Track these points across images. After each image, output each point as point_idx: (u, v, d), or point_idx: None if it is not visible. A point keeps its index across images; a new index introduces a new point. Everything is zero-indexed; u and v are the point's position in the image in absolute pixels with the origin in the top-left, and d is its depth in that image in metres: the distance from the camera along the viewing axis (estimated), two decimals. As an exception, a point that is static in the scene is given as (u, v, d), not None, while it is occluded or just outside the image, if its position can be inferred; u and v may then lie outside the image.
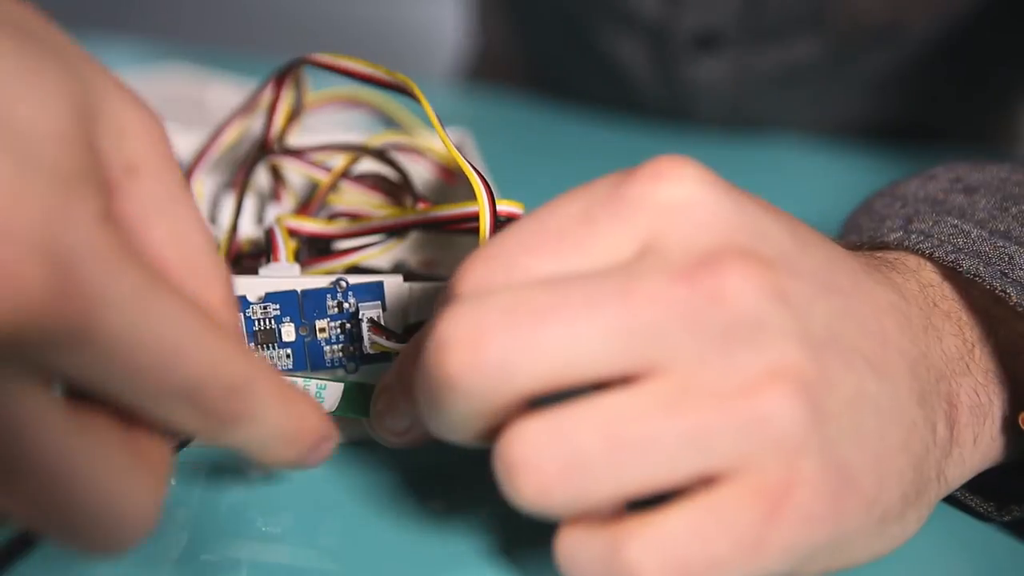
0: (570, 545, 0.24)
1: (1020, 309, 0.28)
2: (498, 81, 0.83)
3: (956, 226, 0.31)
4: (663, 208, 0.24)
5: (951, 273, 0.30)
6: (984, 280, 0.29)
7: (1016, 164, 0.34)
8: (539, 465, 0.23)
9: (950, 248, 0.30)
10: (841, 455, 0.24)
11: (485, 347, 0.23)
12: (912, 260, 0.30)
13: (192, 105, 0.62)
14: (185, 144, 0.44)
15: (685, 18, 0.65)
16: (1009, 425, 0.29)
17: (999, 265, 0.29)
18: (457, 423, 0.25)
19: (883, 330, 0.26)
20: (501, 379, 0.23)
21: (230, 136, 0.40)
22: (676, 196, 0.24)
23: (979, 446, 0.29)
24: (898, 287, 0.28)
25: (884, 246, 0.31)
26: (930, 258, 0.30)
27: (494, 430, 0.24)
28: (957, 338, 0.29)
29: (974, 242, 0.30)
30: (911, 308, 0.28)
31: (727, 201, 0.25)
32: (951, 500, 0.31)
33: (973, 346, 0.29)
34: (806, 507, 0.23)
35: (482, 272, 0.25)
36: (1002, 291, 0.28)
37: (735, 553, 0.23)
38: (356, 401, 0.31)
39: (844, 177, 0.61)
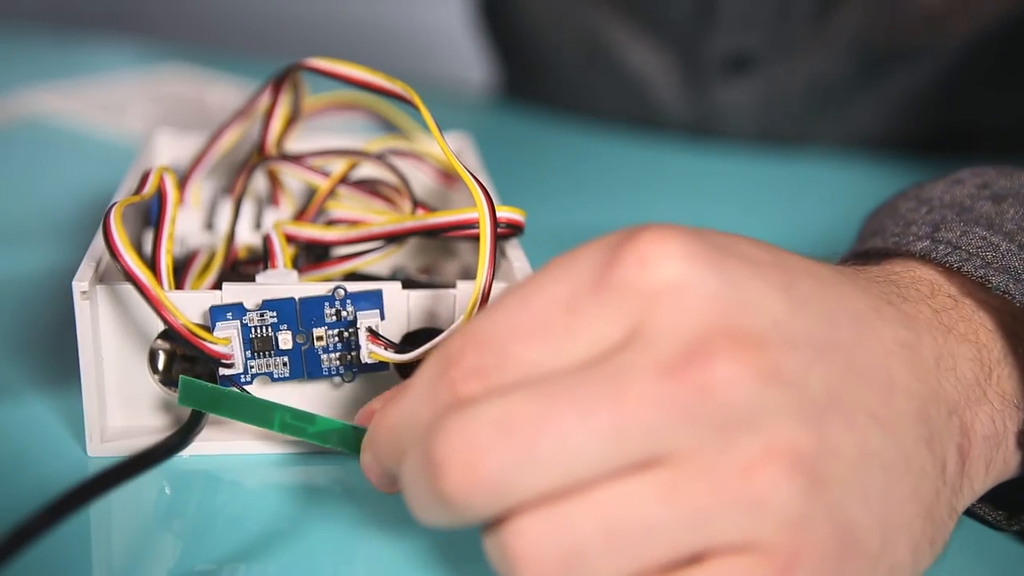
0: None
1: None
2: (508, 96, 0.83)
3: (985, 238, 0.30)
4: (649, 294, 0.24)
5: (971, 289, 0.30)
6: (1015, 298, 0.28)
7: (1003, 174, 0.33)
8: (540, 559, 0.23)
9: (979, 263, 0.30)
10: (847, 517, 0.24)
11: (481, 467, 0.23)
12: (927, 283, 0.30)
13: (192, 106, 0.62)
14: (184, 147, 0.43)
15: (718, 40, 0.65)
16: (1022, 444, 0.29)
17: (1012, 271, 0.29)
18: (448, 523, 0.25)
19: (889, 377, 0.26)
20: (499, 494, 0.23)
21: (227, 140, 0.40)
22: (662, 280, 0.24)
23: (992, 472, 0.28)
24: (909, 319, 0.27)
25: (909, 254, 0.31)
26: (958, 272, 0.30)
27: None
28: (974, 362, 0.28)
29: (1003, 256, 0.30)
30: (922, 341, 0.27)
31: (713, 277, 0.24)
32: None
33: (991, 370, 0.29)
34: (812, 572, 0.23)
35: (473, 360, 0.25)
36: (1009, 296, 0.28)
37: None
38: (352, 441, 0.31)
39: (874, 191, 0.61)
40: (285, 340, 0.31)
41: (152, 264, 0.33)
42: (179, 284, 0.34)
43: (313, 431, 0.30)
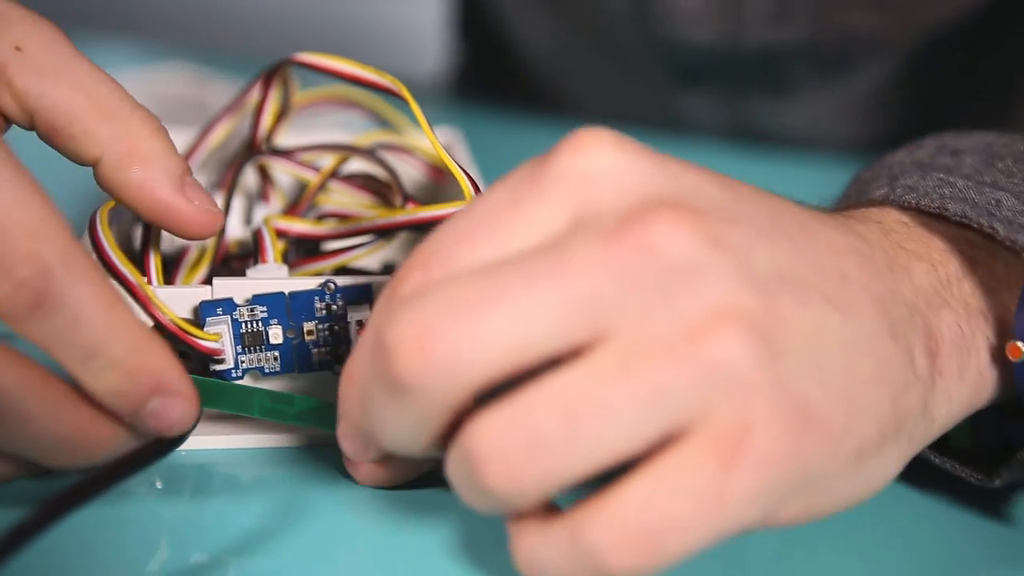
0: (528, 546, 0.24)
1: (1008, 243, 0.28)
2: (482, 89, 0.83)
3: (942, 179, 0.31)
4: (586, 177, 0.24)
5: (926, 221, 0.30)
6: (971, 219, 0.29)
7: (1001, 133, 0.34)
8: (502, 452, 0.23)
9: (936, 196, 0.30)
10: (800, 392, 0.24)
11: (433, 344, 0.23)
12: (876, 213, 0.30)
13: (192, 105, 0.62)
14: (174, 142, 0.43)
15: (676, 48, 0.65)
16: (997, 359, 0.28)
17: (986, 208, 0.29)
18: (410, 428, 0.24)
19: (841, 268, 0.26)
20: (453, 373, 0.23)
21: (217, 136, 0.40)
22: (597, 164, 0.25)
23: (966, 380, 0.28)
24: (857, 232, 0.28)
25: (868, 203, 0.31)
26: (917, 208, 0.30)
27: (446, 435, 0.24)
28: (930, 275, 0.28)
29: (961, 191, 0.30)
30: (874, 250, 0.27)
31: (650, 163, 0.25)
32: (940, 477, 0.31)
33: (949, 282, 0.29)
34: (764, 450, 0.23)
35: (420, 273, 0.25)
36: (990, 227, 0.28)
37: (697, 511, 0.23)
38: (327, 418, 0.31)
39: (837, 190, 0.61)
40: (276, 335, 0.31)
41: (141, 260, 0.33)
42: (170, 279, 0.34)
43: (293, 412, 0.30)
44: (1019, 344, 0.28)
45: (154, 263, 0.32)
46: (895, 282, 0.27)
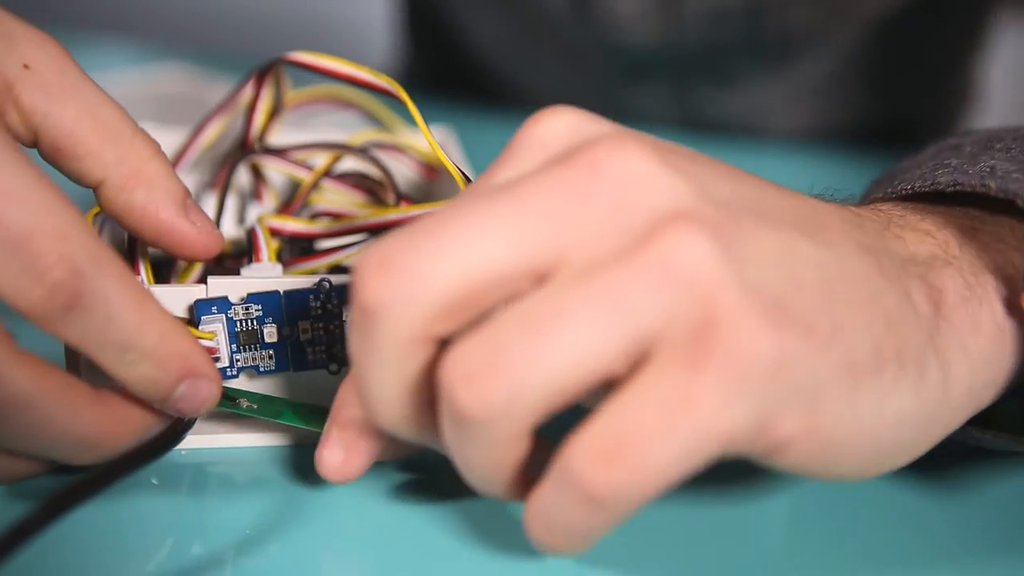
0: (533, 503, 0.24)
1: (1002, 195, 0.28)
2: (430, 86, 0.82)
3: (938, 162, 0.31)
4: (545, 135, 0.26)
5: (922, 205, 0.30)
6: (963, 184, 0.28)
7: (1006, 128, 0.34)
8: (467, 371, 0.23)
9: (929, 178, 0.30)
10: (772, 291, 0.23)
11: (390, 264, 0.24)
12: (871, 203, 0.30)
13: (192, 105, 0.62)
14: (167, 141, 0.43)
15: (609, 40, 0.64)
16: (1017, 315, 0.27)
17: (978, 174, 0.29)
18: (387, 367, 0.25)
19: (820, 218, 0.26)
20: (412, 288, 0.23)
21: (210, 135, 0.40)
22: (555, 124, 0.26)
23: (983, 331, 0.27)
24: (845, 206, 0.28)
25: (870, 201, 0.31)
26: (912, 192, 0.30)
27: (429, 383, 0.25)
28: (926, 242, 0.28)
29: (954, 168, 0.30)
30: (863, 219, 0.27)
31: (605, 124, 0.26)
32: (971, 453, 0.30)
33: (948, 244, 0.28)
34: (732, 344, 0.22)
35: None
36: (982, 186, 0.28)
37: (665, 417, 0.22)
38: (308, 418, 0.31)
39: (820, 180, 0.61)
40: (271, 333, 0.31)
41: (131, 263, 0.32)
42: (164, 279, 0.34)
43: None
44: None
45: (143, 265, 0.32)
46: (885, 242, 0.27)
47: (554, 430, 0.24)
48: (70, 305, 0.26)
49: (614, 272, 0.23)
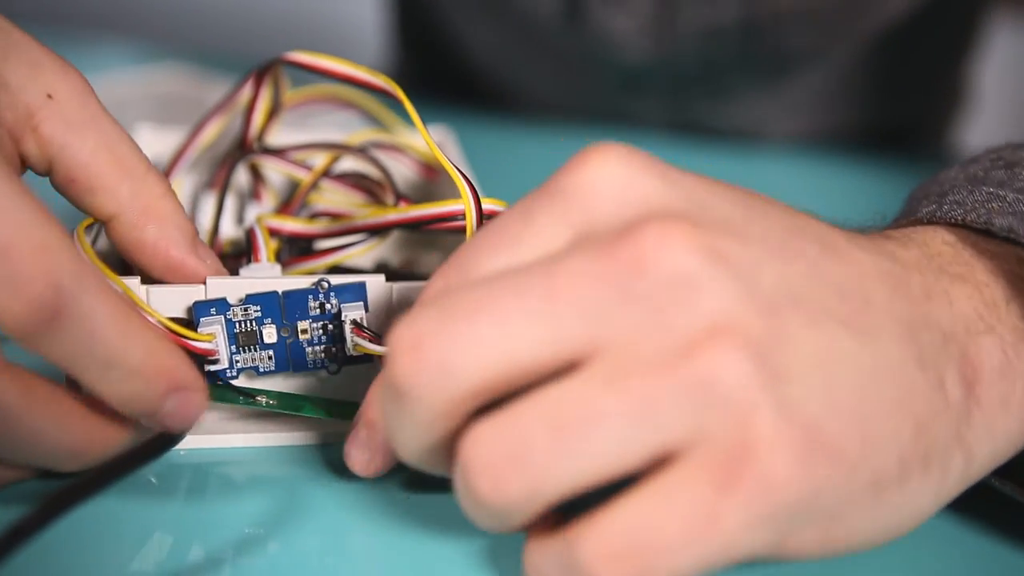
0: (534, 559, 0.24)
1: None
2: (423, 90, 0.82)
3: (991, 192, 0.29)
4: (589, 192, 0.25)
5: (974, 240, 0.29)
6: (1019, 234, 0.28)
7: None
8: (489, 461, 0.23)
9: (983, 212, 0.29)
10: (807, 415, 0.23)
11: (423, 349, 0.23)
12: (922, 233, 0.29)
13: (191, 105, 0.62)
14: (166, 142, 0.43)
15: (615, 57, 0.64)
16: None
17: None
18: (412, 435, 0.25)
19: (865, 292, 0.25)
20: (443, 379, 0.23)
21: (209, 135, 0.40)
22: (601, 178, 0.25)
23: (1012, 410, 0.26)
24: (893, 255, 0.26)
25: (915, 221, 0.30)
26: (963, 223, 0.29)
27: (451, 449, 0.25)
28: (973, 299, 0.27)
29: (1010, 205, 0.29)
30: (910, 274, 0.26)
31: (655, 176, 0.25)
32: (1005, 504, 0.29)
33: (995, 305, 0.27)
34: (766, 473, 0.22)
35: (441, 281, 0.26)
36: None
37: (688, 533, 0.22)
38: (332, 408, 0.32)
39: (824, 184, 0.61)
40: (270, 334, 0.31)
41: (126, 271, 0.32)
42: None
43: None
44: None
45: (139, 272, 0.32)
46: (930, 308, 0.26)
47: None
48: (50, 321, 0.25)
49: (649, 380, 0.22)
